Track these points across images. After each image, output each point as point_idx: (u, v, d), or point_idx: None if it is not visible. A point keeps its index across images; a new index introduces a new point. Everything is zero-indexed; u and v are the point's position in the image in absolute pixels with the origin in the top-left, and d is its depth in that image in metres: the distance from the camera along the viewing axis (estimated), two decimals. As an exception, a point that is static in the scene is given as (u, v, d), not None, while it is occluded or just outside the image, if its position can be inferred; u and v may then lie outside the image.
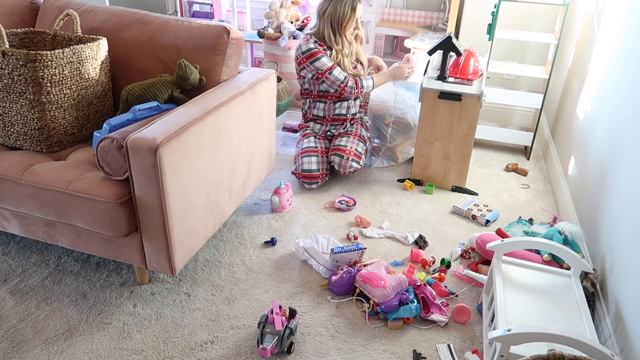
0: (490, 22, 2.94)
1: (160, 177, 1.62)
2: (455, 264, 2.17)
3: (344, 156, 2.65)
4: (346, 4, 2.54)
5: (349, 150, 2.66)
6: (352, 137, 2.74)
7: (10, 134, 1.96)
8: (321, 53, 2.60)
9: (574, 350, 1.28)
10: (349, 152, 2.66)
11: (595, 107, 2.34)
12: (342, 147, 2.68)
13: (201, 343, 1.73)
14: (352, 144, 2.70)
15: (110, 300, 1.90)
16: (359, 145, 2.72)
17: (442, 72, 2.67)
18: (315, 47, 2.60)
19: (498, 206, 2.61)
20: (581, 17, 2.93)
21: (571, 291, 1.69)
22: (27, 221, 1.90)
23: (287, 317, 1.73)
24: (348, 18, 2.56)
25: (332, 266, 2.03)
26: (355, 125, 2.84)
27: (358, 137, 2.75)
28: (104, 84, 2.10)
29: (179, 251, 1.80)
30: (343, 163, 2.65)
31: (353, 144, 2.70)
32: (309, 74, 2.64)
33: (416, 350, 1.74)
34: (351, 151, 2.67)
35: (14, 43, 2.08)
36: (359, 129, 2.81)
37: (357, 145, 2.70)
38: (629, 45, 2.04)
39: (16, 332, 1.75)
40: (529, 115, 3.48)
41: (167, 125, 1.69)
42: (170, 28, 2.16)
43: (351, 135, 2.75)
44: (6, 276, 2.00)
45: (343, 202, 2.53)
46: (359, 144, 2.72)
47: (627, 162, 1.84)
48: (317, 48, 2.60)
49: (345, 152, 2.66)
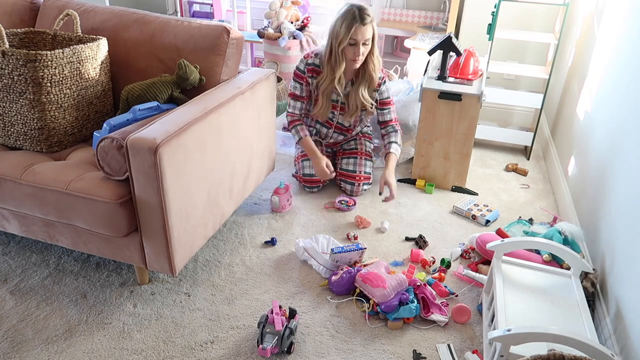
0: (490, 22, 2.94)
1: (160, 177, 1.62)
2: (455, 264, 2.17)
3: (354, 183, 2.61)
4: (342, 20, 2.34)
5: (358, 176, 2.62)
6: (358, 158, 2.66)
7: (10, 134, 1.96)
8: (302, 80, 2.53)
9: (574, 350, 1.28)
10: (359, 178, 2.62)
11: (595, 107, 2.34)
12: (352, 174, 2.63)
13: (201, 343, 1.73)
14: (360, 167, 2.64)
15: (110, 300, 1.90)
16: (367, 165, 2.67)
17: (442, 72, 2.67)
18: (303, 71, 2.52)
19: (498, 206, 2.61)
20: (581, 17, 2.93)
21: (571, 291, 1.69)
22: (27, 221, 1.90)
23: (287, 317, 1.73)
24: (342, 36, 2.34)
25: (332, 266, 2.03)
26: (359, 140, 2.76)
27: (365, 156, 2.68)
28: (104, 84, 2.10)
29: (179, 251, 1.80)
30: (355, 189, 2.62)
31: (361, 167, 2.64)
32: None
33: (416, 350, 1.74)
34: (361, 176, 2.62)
35: (14, 43, 2.08)
36: (364, 145, 2.74)
37: (365, 166, 2.65)
38: (629, 45, 2.04)
39: (16, 332, 1.75)
40: (529, 115, 3.48)
41: (167, 125, 1.69)
42: (170, 28, 2.16)
43: (357, 154, 2.68)
44: (6, 276, 2.00)
45: (343, 202, 2.53)
46: (366, 164, 2.67)
47: (627, 162, 1.84)
48: (303, 73, 2.52)
49: (355, 178, 2.62)
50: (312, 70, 2.52)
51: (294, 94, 2.59)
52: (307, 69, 2.52)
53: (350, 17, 2.32)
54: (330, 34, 2.41)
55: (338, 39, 2.36)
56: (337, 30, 2.36)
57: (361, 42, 2.35)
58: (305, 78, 2.54)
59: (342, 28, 2.33)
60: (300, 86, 2.56)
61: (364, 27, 2.33)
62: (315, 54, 2.52)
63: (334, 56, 2.42)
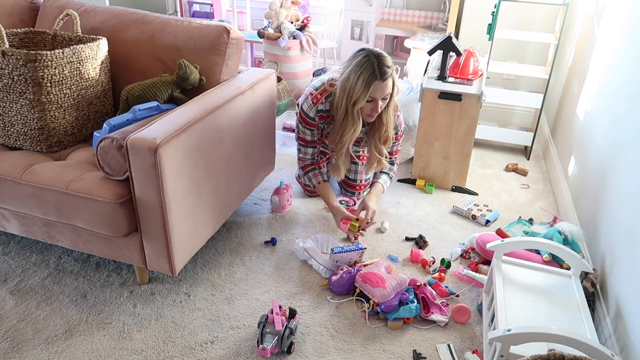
0: (490, 22, 2.94)
1: (160, 177, 1.62)
2: (455, 264, 2.17)
3: (355, 192, 2.60)
4: (358, 74, 2.00)
5: (359, 185, 2.59)
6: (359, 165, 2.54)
7: (10, 134, 1.96)
8: (313, 127, 2.26)
9: (574, 350, 1.28)
10: (359, 187, 2.60)
11: (595, 107, 2.34)
12: (352, 183, 2.59)
13: (201, 343, 1.73)
14: (361, 174, 2.57)
15: (110, 300, 1.90)
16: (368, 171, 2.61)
17: (442, 72, 2.67)
18: (313, 119, 2.24)
19: (498, 206, 2.61)
20: (581, 17, 2.93)
21: (571, 291, 1.69)
22: (27, 221, 1.90)
23: (287, 317, 1.73)
24: (358, 95, 2.02)
25: (332, 266, 2.03)
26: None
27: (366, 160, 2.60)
28: (104, 84, 2.10)
29: (179, 251, 1.80)
30: (356, 197, 2.61)
31: (362, 175, 2.57)
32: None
33: (416, 350, 1.74)
34: (361, 185, 2.60)
35: (14, 43, 2.08)
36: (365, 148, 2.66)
37: (364, 173, 2.58)
38: (629, 45, 2.04)
39: (16, 332, 1.75)
40: (529, 115, 3.48)
41: (167, 125, 1.69)
42: (170, 28, 2.16)
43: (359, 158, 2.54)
44: (6, 276, 2.00)
45: (343, 202, 2.52)
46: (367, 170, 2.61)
47: (627, 162, 1.84)
48: (314, 120, 2.24)
49: (355, 188, 2.60)
50: (323, 117, 2.27)
51: (304, 139, 2.34)
52: (317, 116, 2.25)
53: (369, 72, 1.99)
54: (342, 86, 2.08)
55: (353, 98, 2.04)
56: (352, 87, 2.02)
57: (380, 98, 2.06)
58: (317, 125, 2.28)
59: (358, 84, 2.01)
60: (311, 132, 2.30)
61: (383, 83, 2.01)
62: (325, 97, 2.21)
63: (348, 116, 2.12)
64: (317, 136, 2.33)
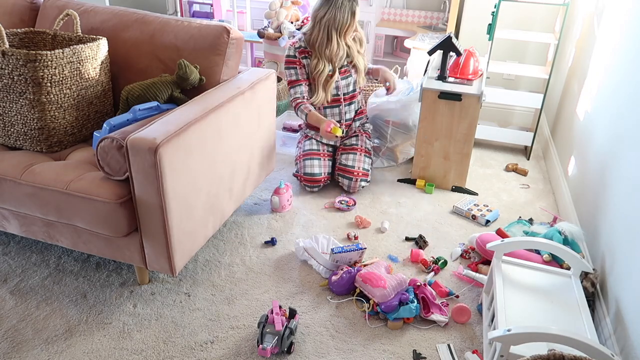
0: (490, 22, 2.94)
1: (160, 177, 1.62)
2: (456, 264, 2.17)
3: (352, 178, 2.63)
4: (346, 9, 2.49)
5: (357, 171, 2.63)
6: (358, 154, 2.67)
7: (10, 134, 1.96)
8: (295, 64, 2.61)
9: (574, 350, 1.28)
10: (357, 174, 2.63)
11: (595, 107, 2.34)
12: (350, 169, 2.64)
13: (201, 343, 1.73)
14: (359, 162, 2.65)
15: (110, 300, 1.90)
16: (366, 161, 2.67)
17: (442, 72, 2.67)
18: (294, 56, 2.60)
19: (498, 206, 2.61)
20: (581, 17, 2.93)
21: (571, 291, 1.69)
22: (27, 221, 1.90)
23: (287, 317, 1.73)
24: (349, 24, 2.51)
25: (332, 266, 2.03)
26: (360, 137, 2.77)
27: (364, 152, 2.70)
28: (104, 84, 2.10)
29: (179, 251, 1.80)
30: (352, 185, 2.63)
31: (360, 163, 2.65)
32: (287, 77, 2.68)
33: (416, 350, 1.74)
34: (359, 172, 2.63)
35: (14, 43, 2.08)
36: (364, 142, 2.75)
37: (363, 162, 2.66)
38: (629, 45, 2.04)
39: (16, 332, 1.75)
40: (529, 115, 3.48)
41: (167, 125, 1.70)
42: (170, 28, 2.16)
43: (357, 150, 2.69)
44: (6, 276, 2.00)
45: (343, 202, 2.53)
46: (365, 161, 2.67)
47: (627, 161, 1.84)
48: (295, 57, 2.60)
49: (353, 173, 2.63)
50: (303, 51, 2.60)
51: (291, 81, 2.64)
52: (297, 52, 2.60)
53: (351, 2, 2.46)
54: (327, 25, 2.50)
55: (344, 28, 2.50)
56: (342, 20, 2.48)
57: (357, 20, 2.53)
58: (298, 61, 2.61)
59: (347, 16, 2.48)
60: (295, 70, 2.62)
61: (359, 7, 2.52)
62: (300, 39, 2.61)
63: (334, 44, 2.53)
64: (301, 75, 2.63)
